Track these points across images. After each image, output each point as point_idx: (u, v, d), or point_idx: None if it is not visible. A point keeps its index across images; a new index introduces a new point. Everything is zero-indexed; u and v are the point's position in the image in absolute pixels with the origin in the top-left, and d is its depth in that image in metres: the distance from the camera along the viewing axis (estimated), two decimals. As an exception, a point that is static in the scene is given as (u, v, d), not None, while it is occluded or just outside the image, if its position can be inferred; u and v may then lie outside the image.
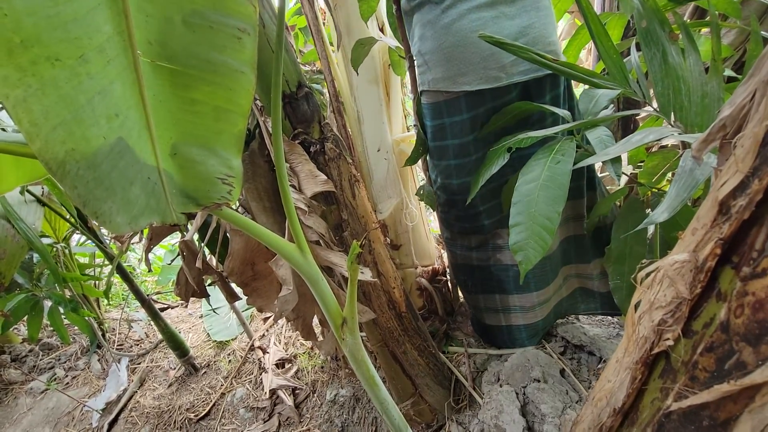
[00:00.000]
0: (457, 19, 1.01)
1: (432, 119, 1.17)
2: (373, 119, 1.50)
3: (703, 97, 0.83)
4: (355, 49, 1.26)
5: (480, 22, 1.00)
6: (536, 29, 1.03)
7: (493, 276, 1.33)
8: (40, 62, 0.38)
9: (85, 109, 0.43)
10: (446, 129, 1.15)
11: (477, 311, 1.46)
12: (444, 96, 1.11)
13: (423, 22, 1.07)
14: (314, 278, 0.75)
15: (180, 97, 0.55)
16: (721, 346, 0.34)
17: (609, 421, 0.51)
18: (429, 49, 1.08)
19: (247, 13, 0.54)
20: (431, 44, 1.07)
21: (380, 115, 1.50)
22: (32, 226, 1.40)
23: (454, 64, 1.05)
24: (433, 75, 1.10)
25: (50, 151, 0.40)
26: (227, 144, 0.60)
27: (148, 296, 1.98)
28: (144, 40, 0.49)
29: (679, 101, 0.81)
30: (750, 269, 0.31)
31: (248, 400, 1.82)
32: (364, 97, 1.49)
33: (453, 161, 1.19)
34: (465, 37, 1.01)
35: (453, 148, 1.17)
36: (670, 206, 0.49)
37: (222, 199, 0.62)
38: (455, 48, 1.03)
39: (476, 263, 1.35)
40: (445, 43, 1.04)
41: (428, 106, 1.17)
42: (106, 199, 0.47)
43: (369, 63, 1.44)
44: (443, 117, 1.14)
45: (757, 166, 0.31)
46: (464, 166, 1.18)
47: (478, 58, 1.02)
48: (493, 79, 1.03)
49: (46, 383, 2.20)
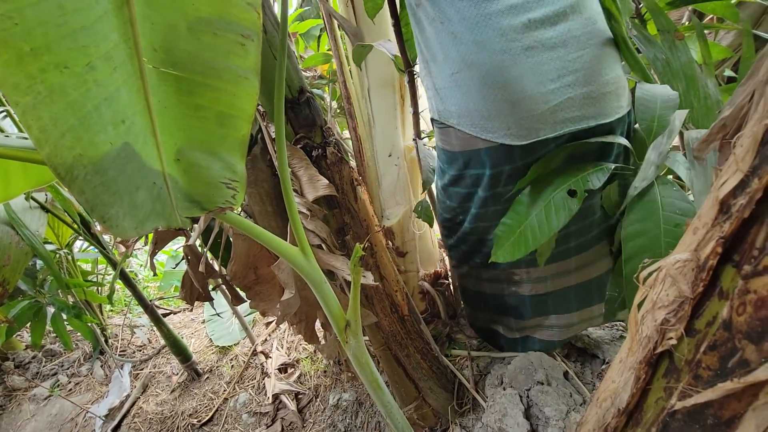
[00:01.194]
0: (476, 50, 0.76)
1: (449, 167, 0.98)
2: (385, 123, 1.45)
3: (706, 98, 0.84)
4: (355, 50, 1.27)
5: (506, 57, 0.74)
6: (588, 63, 0.76)
7: (508, 304, 1.21)
8: (49, 70, 0.39)
9: (93, 115, 0.44)
10: (466, 179, 0.96)
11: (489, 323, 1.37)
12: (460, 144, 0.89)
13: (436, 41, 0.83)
14: (317, 281, 0.75)
15: (184, 103, 0.56)
16: (723, 345, 0.34)
17: (613, 422, 0.51)
18: (439, 75, 0.86)
19: (250, 19, 0.55)
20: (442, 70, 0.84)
21: (393, 119, 1.46)
22: (36, 232, 1.41)
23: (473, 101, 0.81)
24: (445, 106, 0.88)
25: (59, 157, 0.41)
26: (231, 149, 0.61)
27: (151, 302, 1.98)
28: (149, 47, 0.50)
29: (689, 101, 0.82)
30: (751, 267, 0.32)
31: (251, 405, 1.82)
32: (377, 100, 1.44)
33: (472, 209, 1.01)
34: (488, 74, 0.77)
35: (477, 198, 0.97)
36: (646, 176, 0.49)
37: (226, 204, 0.62)
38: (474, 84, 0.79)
39: (488, 291, 1.23)
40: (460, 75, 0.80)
41: (443, 152, 0.97)
42: (113, 204, 0.48)
43: (384, 66, 1.39)
44: (462, 169, 0.94)
45: (756, 165, 0.31)
46: (481, 216, 1.00)
47: (506, 103, 0.77)
48: (527, 132, 0.79)
49: (49, 390, 2.20)
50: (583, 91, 0.77)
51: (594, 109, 0.78)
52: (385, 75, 1.42)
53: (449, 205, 1.08)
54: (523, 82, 0.75)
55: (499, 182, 0.90)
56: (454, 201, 1.05)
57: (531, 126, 0.78)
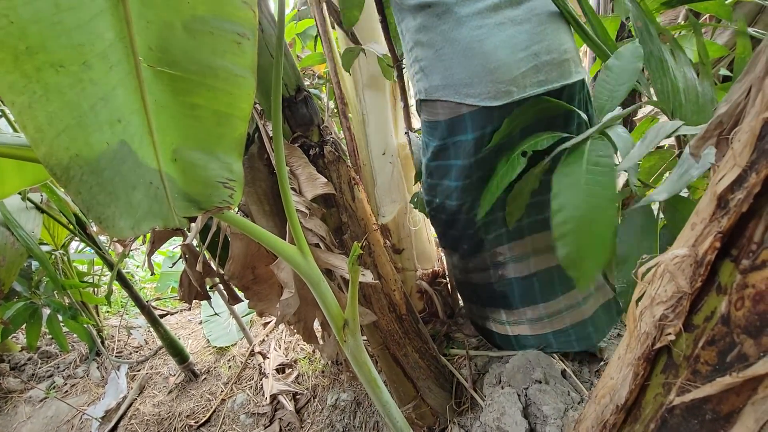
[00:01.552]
0: (456, 26, 0.91)
1: (432, 138, 1.07)
2: (378, 122, 1.49)
3: (698, 96, 0.84)
4: (344, 55, 1.27)
5: (483, 30, 0.89)
6: (549, 35, 0.92)
7: (497, 293, 1.26)
8: (45, 69, 0.39)
9: (89, 115, 0.43)
10: (449, 149, 1.05)
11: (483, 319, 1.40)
12: (445, 113, 1.00)
13: (417, 27, 0.97)
14: (315, 280, 0.75)
15: (181, 102, 0.55)
16: (722, 339, 0.34)
17: (612, 418, 0.51)
18: (424, 56, 0.98)
19: (247, 18, 0.55)
20: (427, 51, 0.97)
21: (386, 118, 1.49)
22: (31, 233, 1.40)
23: (456, 73, 0.94)
24: (430, 82, 0.99)
25: (55, 157, 0.40)
26: (228, 148, 0.61)
27: (148, 303, 1.97)
28: (145, 46, 0.50)
29: (678, 99, 0.82)
30: (749, 262, 0.32)
31: (249, 406, 1.82)
32: (370, 100, 1.47)
33: (454, 182, 1.09)
34: (467, 47, 0.91)
35: (456, 169, 1.06)
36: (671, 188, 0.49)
37: (224, 203, 0.62)
38: (455, 58, 0.92)
39: (477, 281, 1.28)
40: (443, 51, 0.94)
41: (428, 125, 1.07)
42: (109, 204, 0.47)
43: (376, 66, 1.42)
44: (445, 137, 1.04)
45: (754, 159, 0.31)
46: (466, 188, 1.08)
47: (484, 71, 0.91)
48: (504, 94, 0.91)
49: (45, 391, 2.18)
50: (547, 58, 0.92)
51: (557, 73, 0.93)
52: (377, 75, 1.45)
53: (431, 183, 1.15)
54: (498, 52, 0.90)
55: (481, 146, 1.00)
56: (435, 177, 1.12)
57: (507, 89, 0.91)
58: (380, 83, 1.47)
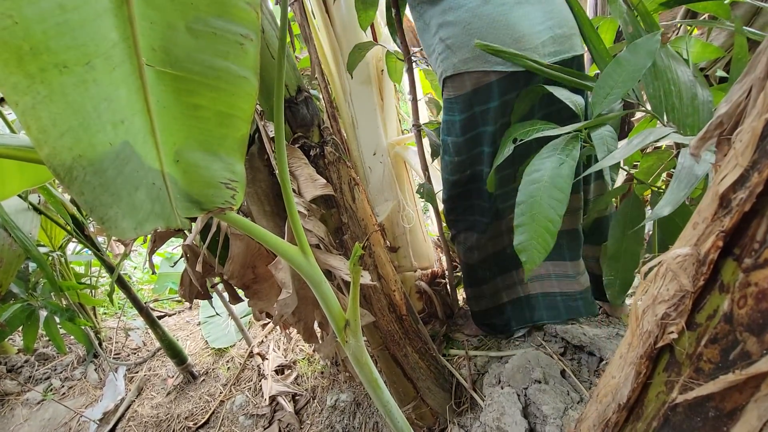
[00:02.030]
0: (482, 4, 1.03)
1: (460, 112, 1.15)
2: (368, 123, 1.52)
3: (693, 98, 0.85)
4: (351, 54, 1.28)
5: (506, 7, 1.02)
6: (559, 12, 1.05)
7: (509, 255, 1.35)
8: (49, 69, 0.38)
9: (92, 115, 0.43)
10: (477, 118, 1.14)
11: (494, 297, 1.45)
12: (472, 83, 1.09)
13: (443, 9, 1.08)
14: (317, 280, 0.75)
15: (184, 103, 0.55)
16: (725, 337, 0.35)
17: (614, 417, 0.51)
18: (452, 34, 1.07)
19: (249, 19, 0.55)
20: (454, 29, 1.07)
21: (375, 119, 1.52)
22: (29, 234, 1.39)
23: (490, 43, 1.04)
24: (459, 57, 1.08)
25: (58, 158, 0.40)
26: (230, 149, 0.61)
27: (146, 304, 1.97)
28: (148, 47, 0.50)
29: (671, 102, 0.83)
30: (752, 260, 0.32)
31: (248, 407, 1.81)
32: (359, 101, 1.51)
33: (486, 148, 1.18)
34: (494, 21, 1.02)
35: (487, 135, 1.16)
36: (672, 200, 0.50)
37: (226, 204, 0.62)
38: (484, 31, 1.03)
39: (492, 251, 1.37)
40: (472, 25, 1.04)
41: (455, 99, 1.14)
42: (112, 205, 0.47)
43: (363, 68, 1.46)
44: (473, 107, 1.12)
45: (756, 159, 0.32)
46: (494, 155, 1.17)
47: (510, 40, 1.02)
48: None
49: (42, 394, 2.17)
50: (560, 32, 1.05)
51: (568, 44, 1.07)
52: (364, 76, 1.48)
53: (458, 160, 1.23)
54: (521, 25, 1.02)
55: (506, 111, 1.11)
56: (463, 153, 1.21)
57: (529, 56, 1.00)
58: (367, 85, 1.50)
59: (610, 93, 0.84)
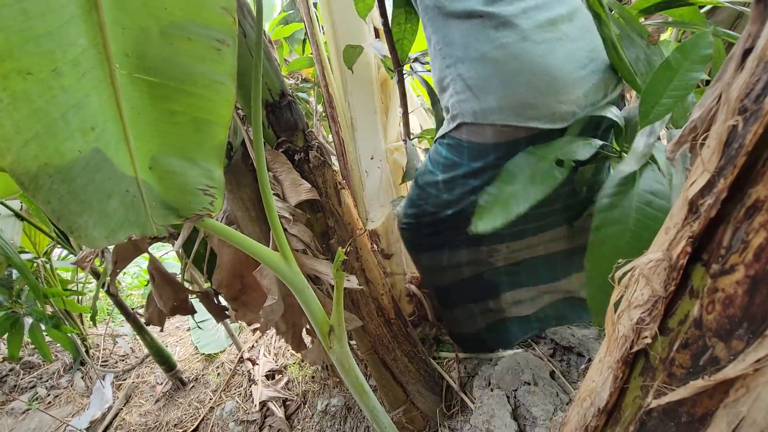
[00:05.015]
0: (520, 40, 0.82)
1: (470, 159, 0.96)
2: (366, 126, 1.48)
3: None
4: (345, 51, 1.26)
5: (544, 46, 0.82)
6: (600, 53, 0.88)
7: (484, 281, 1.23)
8: (12, 77, 0.38)
9: (59, 123, 0.42)
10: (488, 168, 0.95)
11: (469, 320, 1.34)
12: (495, 136, 0.90)
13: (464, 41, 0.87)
14: (299, 287, 0.75)
15: (159, 109, 0.55)
16: (695, 343, 0.35)
17: (593, 421, 0.51)
18: (477, 74, 0.87)
19: (225, 23, 0.55)
20: (481, 68, 0.86)
21: (374, 122, 1.49)
22: (11, 241, 1.36)
23: (519, 92, 0.84)
24: (484, 104, 0.88)
25: (22, 166, 0.39)
26: (208, 155, 0.60)
27: (133, 310, 1.94)
28: (121, 53, 0.49)
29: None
30: (719, 266, 0.32)
31: (238, 414, 1.79)
32: (359, 103, 1.46)
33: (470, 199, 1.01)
34: (532, 63, 0.82)
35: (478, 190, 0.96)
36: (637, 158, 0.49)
37: (204, 210, 0.61)
38: (518, 74, 0.83)
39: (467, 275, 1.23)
40: (505, 67, 0.84)
41: (467, 145, 0.95)
42: (82, 213, 0.46)
43: (365, 69, 1.42)
44: (487, 157, 0.94)
45: (722, 165, 0.32)
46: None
47: (550, 90, 0.83)
48: (568, 115, 0.85)
49: (27, 403, 2.13)
50: (603, 77, 0.87)
51: (610, 89, 0.90)
52: (365, 78, 1.45)
53: (446, 198, 1.05)
54: (563, 69, 0.83)
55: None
56: (454, 194, 1.03)
57: (570, 110, 0.84)
58: (368, 87, 1.46)
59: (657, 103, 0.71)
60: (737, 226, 0.32)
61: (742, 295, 0.31)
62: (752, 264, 0.30)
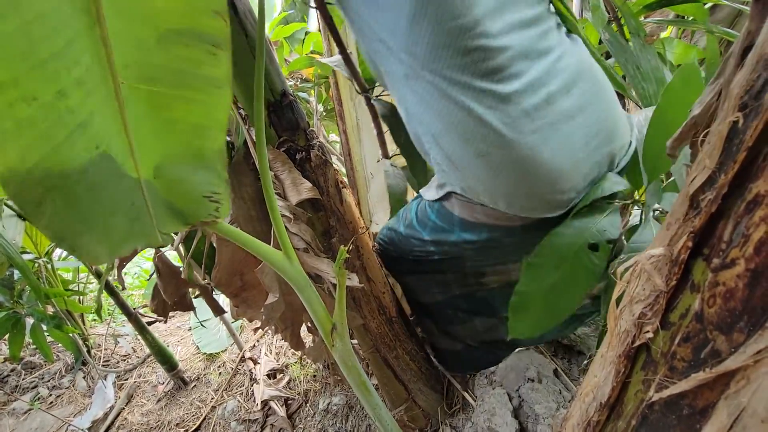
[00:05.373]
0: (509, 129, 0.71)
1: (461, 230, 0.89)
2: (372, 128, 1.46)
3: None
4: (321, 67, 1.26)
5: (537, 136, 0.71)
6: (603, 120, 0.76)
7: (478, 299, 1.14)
8: (17, 104, 0.36)
9: (64, 145, 0.41)
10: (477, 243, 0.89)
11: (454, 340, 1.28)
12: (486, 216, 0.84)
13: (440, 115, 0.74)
14: (301, 285, 0.75)
15: (160, 118, 0.54)
16: (696, 336, 0.35)
17: (596, 416, 0.52)
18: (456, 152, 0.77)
19: (219, 27, 0.54)
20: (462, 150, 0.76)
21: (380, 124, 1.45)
22: (12, 241, 1.37)
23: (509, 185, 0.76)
24: (471, 184, 0.80)
25: (26, 193, 0.39)
26: (210, 161, 0.59)
27: (135, 310, 1.94)
28: (121, 65, 0.48)
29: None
30: (720, 260, 0.33)
31: (240, 413, 1.80)
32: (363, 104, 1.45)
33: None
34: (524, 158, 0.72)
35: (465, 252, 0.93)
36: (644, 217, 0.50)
37: (210, 217, 0.61)
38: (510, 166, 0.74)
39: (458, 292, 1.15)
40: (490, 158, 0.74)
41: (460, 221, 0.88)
42: (84, 233, 0.46)
43: None
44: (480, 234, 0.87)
45: (722, 161, 0.32)
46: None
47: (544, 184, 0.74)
48: (565, 202, 0.77)
49: (29, 403, 2.13)
50: (607, 149, 0.77)
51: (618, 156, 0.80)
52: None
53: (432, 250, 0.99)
54: (558, 160, 0.73)
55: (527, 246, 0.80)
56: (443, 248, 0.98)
57: (568, 197, 0.76)
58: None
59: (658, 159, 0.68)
60: (738, 221, 0.32)
61: (742, 288, 0.31)
62: (753, 257, 0.31)
